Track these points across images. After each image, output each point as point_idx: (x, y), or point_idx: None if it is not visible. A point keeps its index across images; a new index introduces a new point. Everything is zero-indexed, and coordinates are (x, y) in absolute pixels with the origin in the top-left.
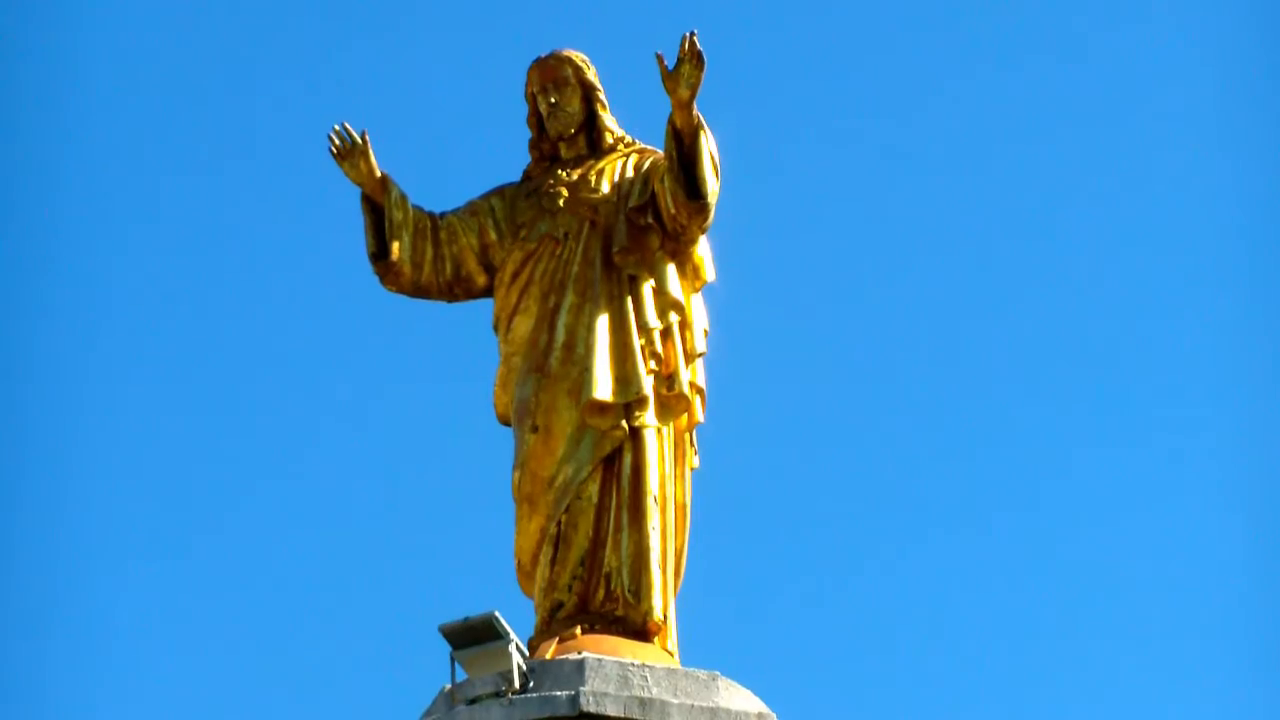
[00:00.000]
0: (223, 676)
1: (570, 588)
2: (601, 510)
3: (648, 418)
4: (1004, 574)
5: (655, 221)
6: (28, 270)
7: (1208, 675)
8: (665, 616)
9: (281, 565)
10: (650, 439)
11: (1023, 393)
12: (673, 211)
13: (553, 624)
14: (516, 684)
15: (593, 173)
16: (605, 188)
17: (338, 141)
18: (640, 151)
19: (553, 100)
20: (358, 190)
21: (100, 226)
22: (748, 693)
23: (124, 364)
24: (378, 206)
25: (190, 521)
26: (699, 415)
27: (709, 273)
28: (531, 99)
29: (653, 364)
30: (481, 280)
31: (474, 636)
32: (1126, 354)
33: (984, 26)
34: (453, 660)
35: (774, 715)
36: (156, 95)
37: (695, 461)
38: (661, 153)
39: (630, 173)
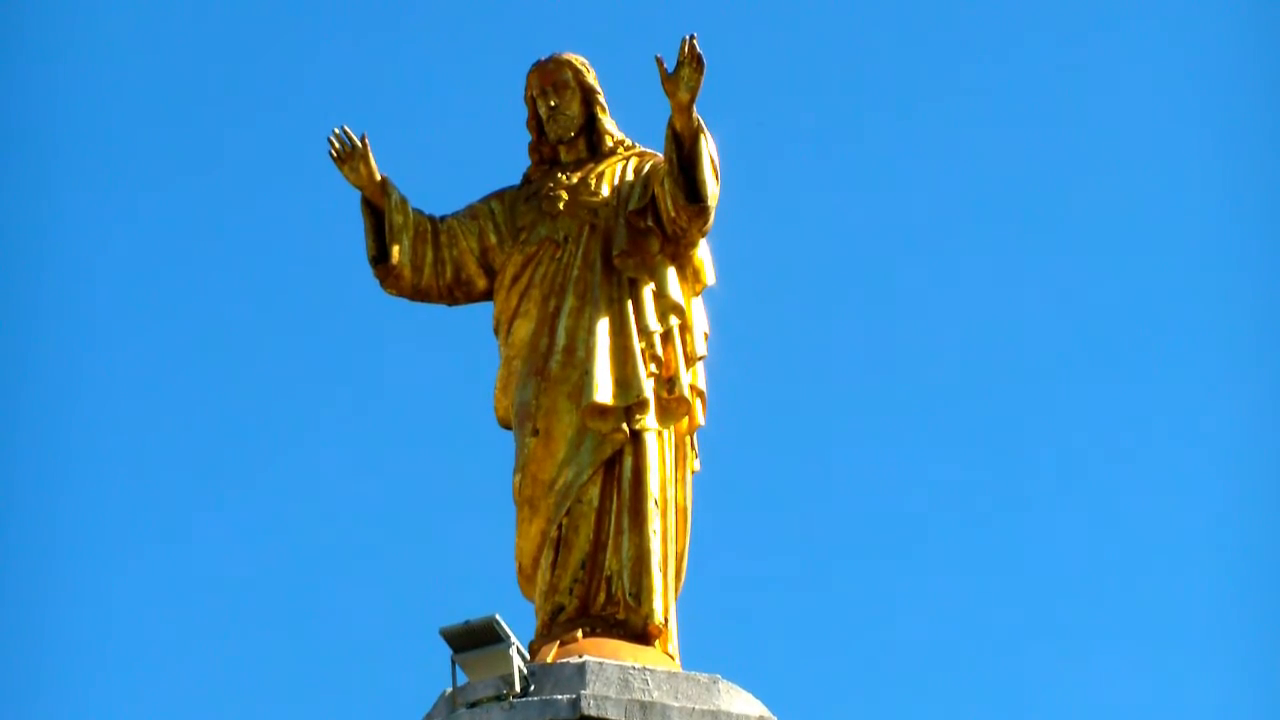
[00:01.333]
0: (223, 679)
1: (571, 591)
2: (602, 513)
3: (648, 421)
4: (1004, 576)
5: (655, 224)
6: (25, 266)
7: (1207, 675)
8: (666, 620)
9: (282, 568)
10: (651, 442)
11: (1023, 394)
12: (673, 214)
13: (553, 627)
14: (517, 687)
15: (592, 176)
16: (605, 191)
17: (338, 145)
18: (640, 154)
19: (552, 103)
20: (358, 193)
21: (102, 226)
22: (748, 696)
23: (124, 368)
24: (378, 210)
25: (190, 524)
26: (700, 418)
27: (709, 276)
28: (531, 102)
29: (653, 367)
30: (482, 283)
31: (475, 640)
32: (1127, 354)
33: (984, 28)
34: (453, 663)
35: (774, 718)
36: (156, 96)
37: (696, 464)
38: (661, 156)
39: (630, 176)
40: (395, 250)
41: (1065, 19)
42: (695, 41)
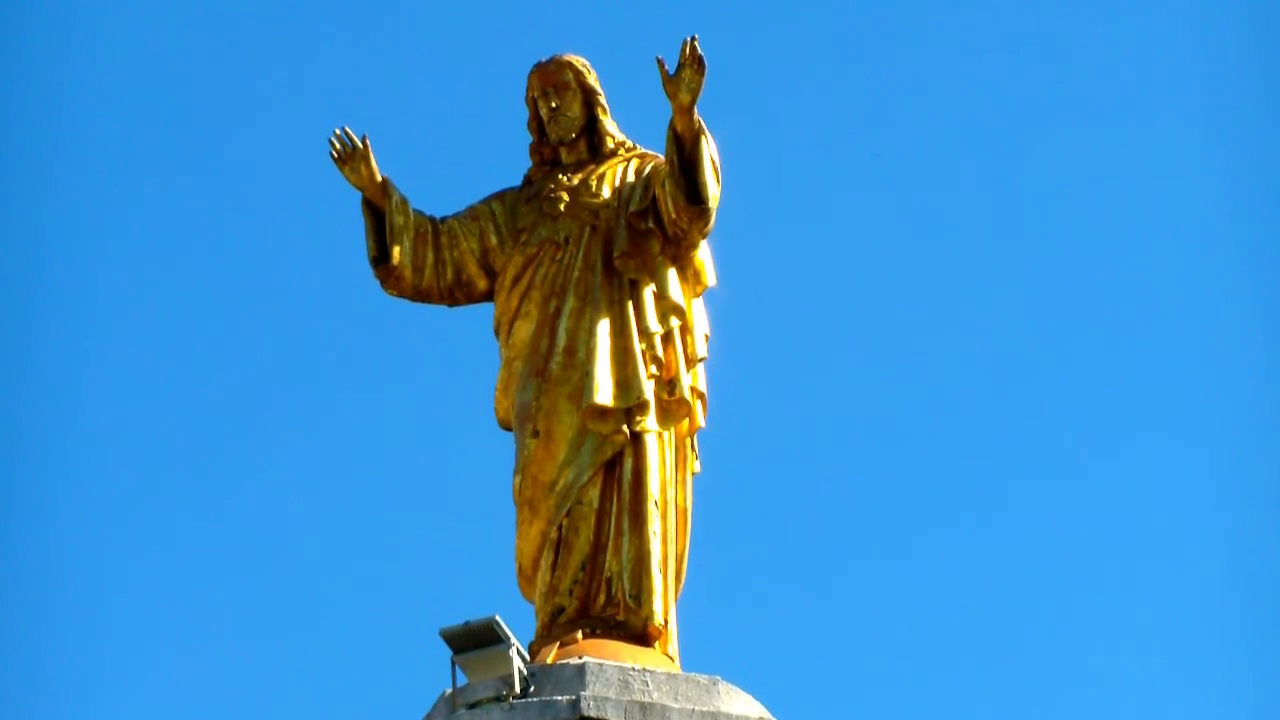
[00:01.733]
0: (223, 680)
1: (571, 592)
2: (602, 515)
3: (649, 422)
4: (1004, 577)
5: (656, 226)
6: (25, 265)
7: (1207, 675)
8: (666, 621)
9: (282, 569)
10: (651, 444)
11: (1023, 395)
12: (673, 216)
13: (553, 629)
14: (517, 688)
15: (593, 177)
16: (606, 192)
17: (338, 146)
18: (641, 156)
19: (553, 105)
20: (358, 194)
21: (102, 225)
22: (748, 697)
23: (124, 368)
24: (379, 210)
25: (190, 525)
26: (700, 420)
27: (710, 277)
28: (532, 103)
29: (653, 369)
30: (482, 284)
31: (475, 640)
32: (1125, 354)
33: (984, 29)
34: (453, 664)
35: (774, 719)
36: (156, 96)
37: (696, 466)
38: (662, 157)
39: (631, 177)
40: (396, 251)
41: (1067, 19)
42: (696, 43)
